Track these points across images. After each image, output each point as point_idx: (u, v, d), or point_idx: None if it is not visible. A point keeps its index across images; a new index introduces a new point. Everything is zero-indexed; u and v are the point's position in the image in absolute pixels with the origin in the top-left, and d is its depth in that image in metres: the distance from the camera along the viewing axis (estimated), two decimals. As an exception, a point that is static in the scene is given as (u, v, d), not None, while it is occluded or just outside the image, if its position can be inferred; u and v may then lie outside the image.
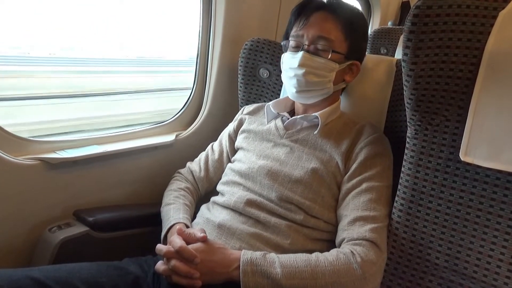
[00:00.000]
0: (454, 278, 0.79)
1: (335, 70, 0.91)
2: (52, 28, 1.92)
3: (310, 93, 0.94)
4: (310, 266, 0.74)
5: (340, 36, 0.91)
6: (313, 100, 0.96)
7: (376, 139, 0.90)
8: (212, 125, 1.35)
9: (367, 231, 0.79)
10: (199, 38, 1.35)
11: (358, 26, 0.95)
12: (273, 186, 0.89)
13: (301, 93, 0.94)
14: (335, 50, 0.91)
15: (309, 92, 0.93)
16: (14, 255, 0.98)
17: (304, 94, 0.94)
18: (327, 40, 0.90)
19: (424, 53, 0.70)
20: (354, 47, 0.94)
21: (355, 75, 0.98)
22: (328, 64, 0.90)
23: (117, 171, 1.15)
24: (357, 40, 0.95)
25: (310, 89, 0.93)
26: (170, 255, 0.75)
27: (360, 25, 0.96)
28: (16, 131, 0.99)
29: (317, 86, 0.92)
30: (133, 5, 1.95)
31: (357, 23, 0.95)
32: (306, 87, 0.92)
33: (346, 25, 0.92)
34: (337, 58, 0.91)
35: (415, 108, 0.77)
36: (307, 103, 0.98)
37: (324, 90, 0.93)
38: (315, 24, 0.92)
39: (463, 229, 0.76)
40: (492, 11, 0.67)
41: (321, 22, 0.92)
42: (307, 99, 0.96)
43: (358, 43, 0.95)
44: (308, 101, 0.97)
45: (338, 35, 0.91)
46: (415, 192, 0.81)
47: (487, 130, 0.67)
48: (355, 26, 0.94)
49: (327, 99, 0.97)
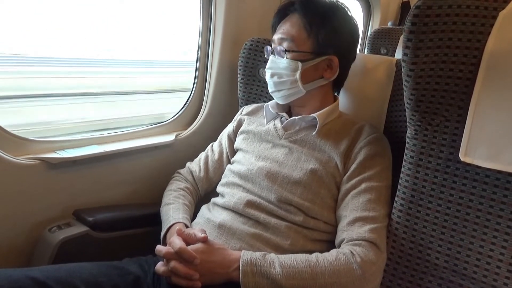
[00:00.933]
0: (453, 278, 0.79)
1: (299, 69, 0.91)
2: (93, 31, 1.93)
3: (280, 93, 0.96)
4: (310, 267, 0.74)
5: (302, 34, 0.91)
6: (288, 100, 0.96)
7: (375, 139, 0.90)
8: (212, 125, 1.35)
9: (366, 232, 0.79)
10: (199, 38, 1.35)
11: (325, 20, 0.91)
12: (272, 188, 0.89)
13: (274, 94, 0.98)
14: (295, 49, 0.91)
15: (280, 92, 0.96)
16: (14, 255, 0.98)
17: (276, 94, 0.97)
18: (287, 41, 0.92)
19: (424, 53, 0.70)
20: (323, 43, 0.91)
21: (335, 71, 0.94)
22: (289, 64, 0.91)
23: (117, 171, 1.15)
24: (325, 34, 0.90)
25: (278, 89, 0.95)
26: (169, 256, 0.75)
27: (328, 17, 0.91)
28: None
29: (283, 86, 0.94)
30: (145, 8, 1.98)
31: (329, 17, 0.91)
32: (275, 88, 0.96)
33: (308, 21, 0.90)
34: (299, 56, 0.91)
35: (415, 108, 0.77)
36: (284, 102, 0.99)
37: (292, 89, 0.93)
38: (281, 27, 0.95)
39: (462, 230, 0.76)
40: (492, 11, 0.66)
41: (285, 24, 0.94)
42: (282, 99, 0.97)
43: (327, 37, 0.91)
44: (284, 101, 0.98)
45: (300, 33, 0.91)
46: (415, 193, 0.80)
47: (487, 131, 0.67)
48: (321, 20, 0.90)
49: (312, 98, 0.96)
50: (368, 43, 2.23)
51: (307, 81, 0.93)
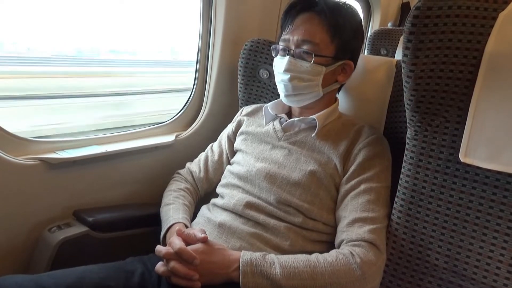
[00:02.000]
0: (453, 279, 0.79)
1: (322, 73, 0.90)
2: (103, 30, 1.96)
3: (298, 97, 0.93)
4: (310, 267, 0.74)
5: (326, 39, 0.89)
6: (303, 103, 0.95)
7: (374, 140, 0.90)
8: (212, 126, 1.35)
9: (366, 232, 0.79)
10: (199, 38, 1.35)
11: (347, 24, 0.90)
12: (272, 189, 0.89)
13: (290, 97, 0.94)
14: (320, 53, 0.89)
15: (297, 96, 0.93)
16: (14, 255, 0.98)
17: (292, 98, 0.94)
18: (311, 44, 0.88)
19: (424, 54, 0.70)
20: (343, 47, 0.91)
21: (349, 75, 0.95)
22: (313, 68, 0.89)
23: (116, 171, 1.15)
24: (346, 39, 0.90)
25: (297, 93, 0.92)
26: (169, 257, 0.75)
27: (349, 22, 0.91)
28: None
29: (304, 90, 0.92)
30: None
31: (346, 21, 0.90)
32: (293, 92, 0.92)
33: (333, 25, 0.88)
34: (323, 61, 0.89)
35: (415, 109, 0.77)
36: (298, 106, 0.97)
37: (312, 93, 0.92)
38: (300, 27, 0.90)
39: (462, 230, 0.76)
40: (492, 12, 0.67)
41: (306, 24, 0.90)
42: (297, 103, 0.96)
43: (347, 42, 0.91)
44: (298, 104, 0.96)
45: (324, 37, 0.89)
46: (414, 193, 0.81)
47: (487, 131, 0.67)
48: (343, 25, 0.89)
49: (321, 101, 0.96)
50: (368, 44, 2.23)
51: (325, 85, 0.92)
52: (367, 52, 2.26)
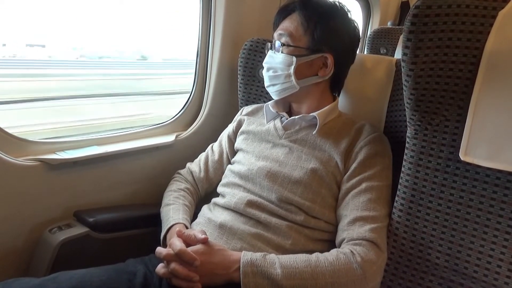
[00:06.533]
0: (454, 278, 0.79)
1: (293, 63, 0.92)
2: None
3: (273, 87, 0.97)
4: (310, 267, 0.74)
5: (299, 30, 0.92)
6: (282, 95, 0.97)
7: (375, 138, 0.90)
8: (212, 126, 1.35)
9: (367, 231, 0.79)
10: (199, 38, 1.35)
11: (327, 18, 0.92)
12: (273, 187, 0.89)
13: (269, 88, 0.99)
14: (291, 44, 0.92)
15: (273, 86, 0.97)
16: (14, 256, 0.98)
17: (270, 88, 0.99)
18: (285, 36, 0.93)
19: (424, 53, 0.70)
20: (319, 40, 0.91)
21: (330, 69, 0.94)
22: (284, 58, 0.92)
23: (117, 172, 1.15)
24: (324, 32, 0.91)
25: (272, 83, 0.97)
26: (169, 258, 0.75)
27: (331, 17, 0.93)
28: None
29: (277, 81, 0.95)
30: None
31: (327, 16, 0.92)
32: (270, 82, 0.97)
33: (308, 18, 0.92)
34: (295, 51, 0.92)
35: (414, 108, 0.77)
36: (278, 98, 0.99)
37: (285, 84, 0.94)
38: (281, 24, 0.96)
39: (463, 229, 0.76)
40: (491, 11, 0.66)
41: (286, 21, 0.96)
42: (276, 94, 0.98)
43: (324, 35, 0.91)
44: (278, 95, 0.98)
45: (297, 28, 0.92)
46: (415, 192, 0.80)
47: (487, 130, 0.67)
48: (323, 19, 0.91)
49: (310, 95, 0.96)
50: (367, 43, 2.23)
51: (301, 77, 0.93)
52: (366, 51, 2.26)
